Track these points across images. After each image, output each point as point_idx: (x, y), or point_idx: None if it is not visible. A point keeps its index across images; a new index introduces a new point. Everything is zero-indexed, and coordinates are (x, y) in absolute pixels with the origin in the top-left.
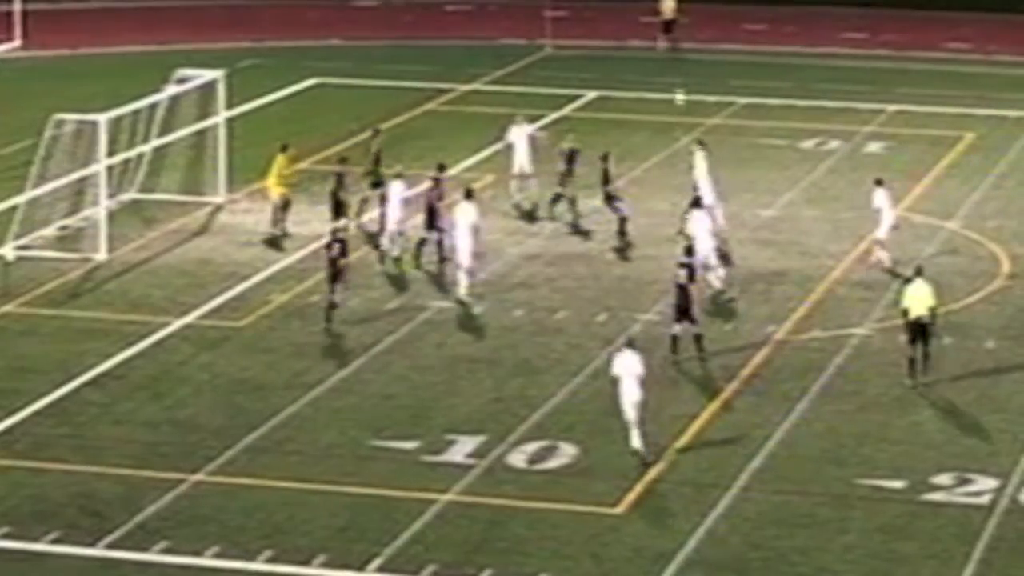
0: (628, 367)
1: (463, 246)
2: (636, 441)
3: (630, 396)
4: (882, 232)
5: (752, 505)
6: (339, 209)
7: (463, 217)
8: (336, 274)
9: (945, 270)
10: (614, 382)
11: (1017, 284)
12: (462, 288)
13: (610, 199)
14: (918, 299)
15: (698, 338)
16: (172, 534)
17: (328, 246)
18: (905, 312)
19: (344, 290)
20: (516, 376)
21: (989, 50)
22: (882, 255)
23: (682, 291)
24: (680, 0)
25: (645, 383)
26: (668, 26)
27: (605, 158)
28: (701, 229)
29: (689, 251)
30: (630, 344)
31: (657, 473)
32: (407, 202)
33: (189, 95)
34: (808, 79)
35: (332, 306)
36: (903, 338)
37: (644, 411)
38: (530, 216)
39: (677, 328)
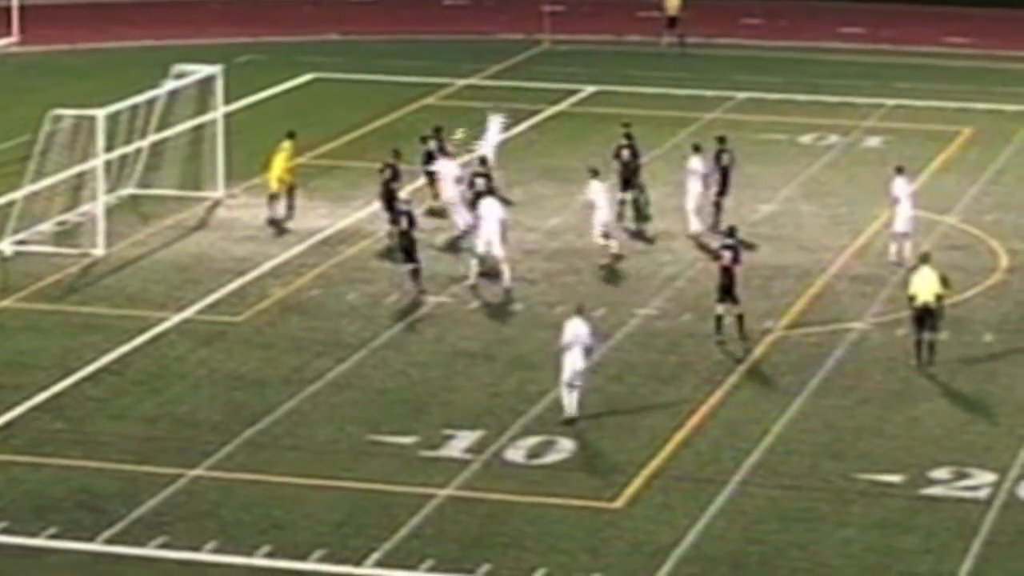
0: (577, 335)
1: (495, 240)
2: (571, 408)
3: (574, 364)
4: (900, 226)
5: (750, 500)
6: (391, 200)
7: (490, 212)
8: (411, 244)
9: (943, 264)
10: (562, 349)
11: (1015, 278)
12: (506, 279)
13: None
14: (925, 286)
15: (740, 318)
16: (170, 529)
17: (395, 220)
18: (912, 298)
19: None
20: (514, 371)
21: (988, 45)
22: (893, 248)
23: (726, 272)
24: None
25: (591, 352)
26: (672, 22)
27: (629, 136)
28: (601, 198)
29: (731, 232)
30: (579, 312)
31: (655, 468)
32: (459, 180)
33: (187, 90)
34: (806, 74)
35: (416, 273)
36: (901, 331)
37: (585, 379)
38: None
39: (720, 308)
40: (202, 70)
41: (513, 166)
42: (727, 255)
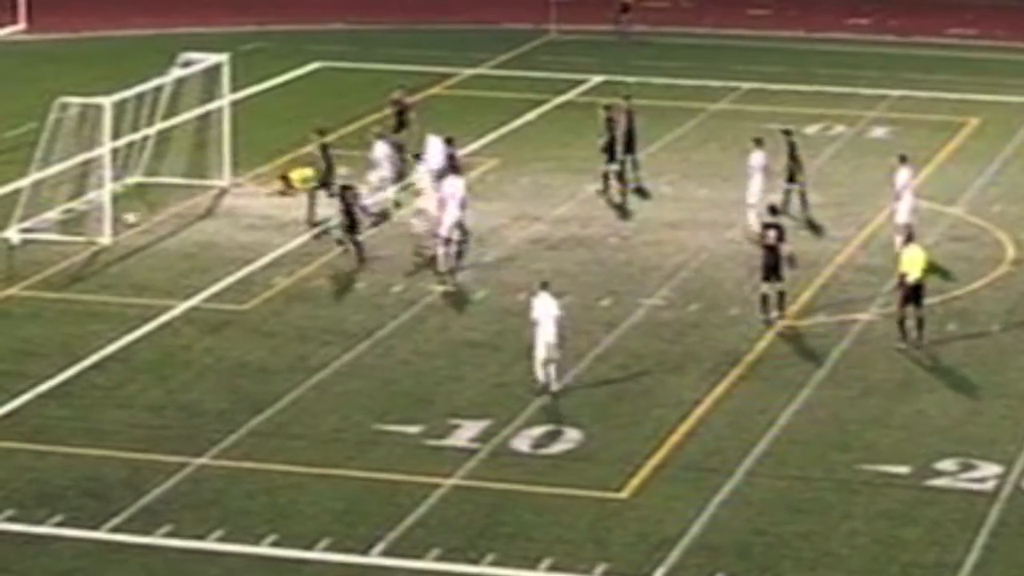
0: (546, 309)
1: (449, 219)
2: (542, 375)
3: (547, 336)
4: (903, 216)
5: (756, 490)
6: (330, 171)
7: (453, 191)
8: (353, 222)
9: (949, 256)
10: (533, 324)
11: (1021, 270)
12: (441, 259)
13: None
14: (914, 262)
15: (782, 295)
16: (176, 518)
17: (341, 196)
18: (903, 276)
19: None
20: (520, 360)
21: (994, 35)
22: (899, 239)
23: (770, 251)
24: None
25: (562, 324)
26: (626, 8)
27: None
28: (427, 183)
29: (773, 211)
30: (544, 286)
31: (661, 458)
32: (393, 162)
33: (193, 78)
34: (812, 64)
35: (358, 246)
36: (908, 323)
37: (560, 351)
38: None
39: (765, 287)
40: (208, 58)
41: (519, 156)
42: (771, 234)
